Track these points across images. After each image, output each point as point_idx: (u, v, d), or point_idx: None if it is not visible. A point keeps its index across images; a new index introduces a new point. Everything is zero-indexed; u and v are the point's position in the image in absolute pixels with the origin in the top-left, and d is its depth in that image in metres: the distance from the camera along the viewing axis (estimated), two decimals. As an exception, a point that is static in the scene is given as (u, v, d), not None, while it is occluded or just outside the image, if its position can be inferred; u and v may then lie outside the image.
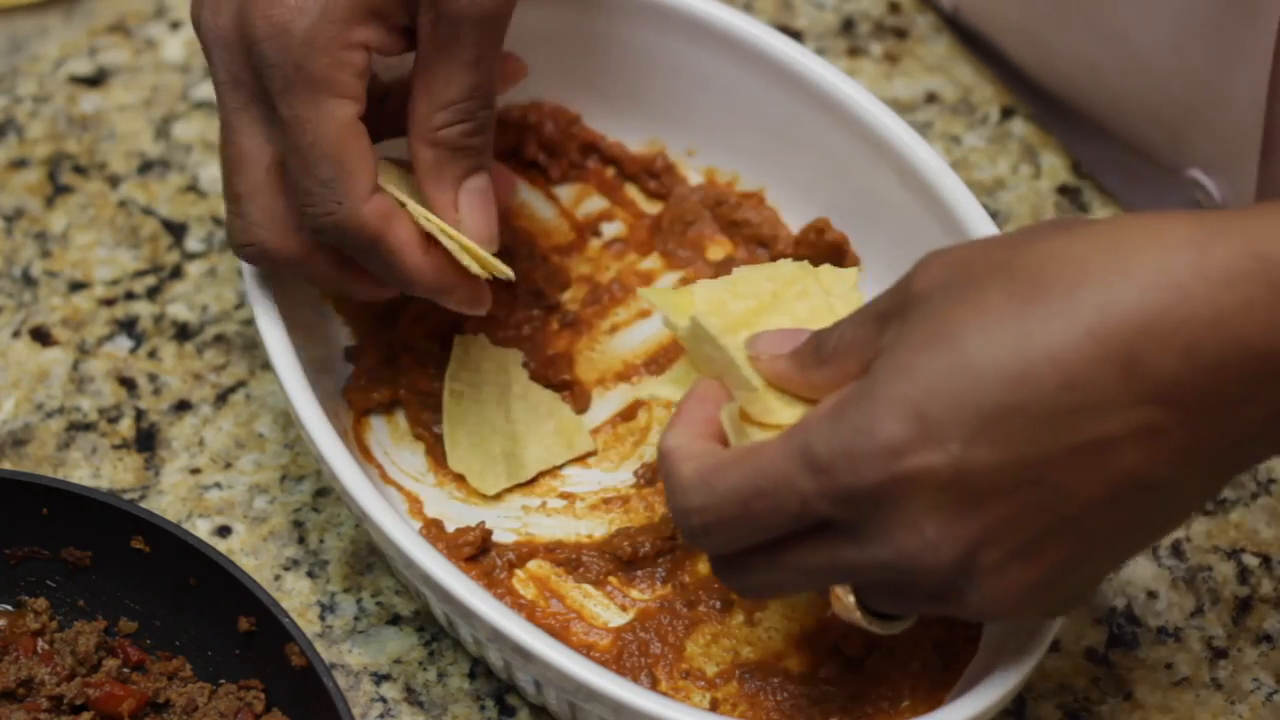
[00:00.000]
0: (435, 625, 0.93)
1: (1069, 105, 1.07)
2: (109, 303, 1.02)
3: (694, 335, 0.82)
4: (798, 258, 0.99)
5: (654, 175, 1.02)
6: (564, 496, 0.94)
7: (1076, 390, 0.70)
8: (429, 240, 0.86)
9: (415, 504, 0.94)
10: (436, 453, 0.95)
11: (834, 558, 0.75)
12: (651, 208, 1.02)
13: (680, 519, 0.77)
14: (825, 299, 0.84)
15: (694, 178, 1.02)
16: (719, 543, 0.77)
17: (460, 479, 0.95)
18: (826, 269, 0.86)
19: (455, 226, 0.86)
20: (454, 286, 0.87)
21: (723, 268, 0.98)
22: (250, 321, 1.01)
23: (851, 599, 0.78)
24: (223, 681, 0.88)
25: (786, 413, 0.79)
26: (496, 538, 0.93)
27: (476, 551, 0.92)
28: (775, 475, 0.74)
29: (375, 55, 0.85)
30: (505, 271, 0.87)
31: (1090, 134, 1.07)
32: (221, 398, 0.99)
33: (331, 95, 0.83)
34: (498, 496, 0.94)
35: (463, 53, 0.84)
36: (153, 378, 1.00)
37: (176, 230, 1.04)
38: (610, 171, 1.03)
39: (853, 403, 0.73)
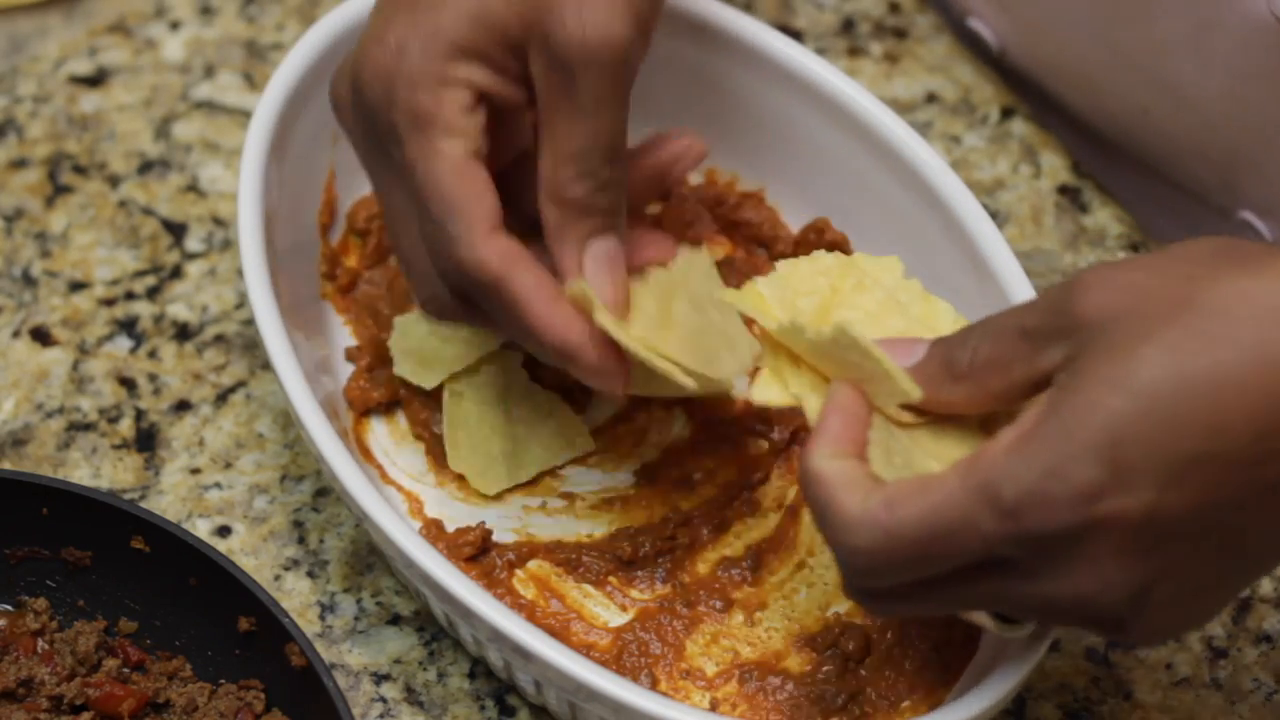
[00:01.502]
0: (435, 625, 0.93)
1: (1118, 145, 1.06)
2: (109, 303, 1.02)
3: (820, 341, 0.78)
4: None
5: (654, 175, 1.02)
6: (564, 496, 0.94)
7: (1270, 440, 0.70)
8: (560, 297, 0.81)
9: (415, 504, 0.94)
10: (436, 453, 0.95)
11: (999, 590, 0.74)
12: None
13: (843, 555, 0.74)
14: (884, 291, 0.83)
15: (694, 178, 1.02)
16: (883, 581, 0.75)
17: (460, 479, 0.95)
18: (864, 257, 0.84)
19: (575, 286, 0.81)
20: (585, 351, 0.81)
21: (723, 268, 0.98)
22: (250, 321, 1.01)
23: (984, 612, 0.78)
24: (223, 681, 0.88)
25: (944, 443, 0.77)
26: (496, 538, 0.93)
27: (476, 551, 0.92)
28: (956, 517, 0.72)
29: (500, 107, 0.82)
30: (726, 387, 0.83)
31: (1139, 174, 1.07)
32: (221, 398, 0.99)
33: (437, 132, 0.80)
34: (498, 496, 0.94)
35: (581, 99, 0.80)
36: (153, 378, 1.00)
37: (176, 230, 1.04)
38: (610, 171, 1.03)
39: (1041, 442, 0.71)
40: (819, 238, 0.98)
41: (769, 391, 0.81)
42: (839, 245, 0.98)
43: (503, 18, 0.81)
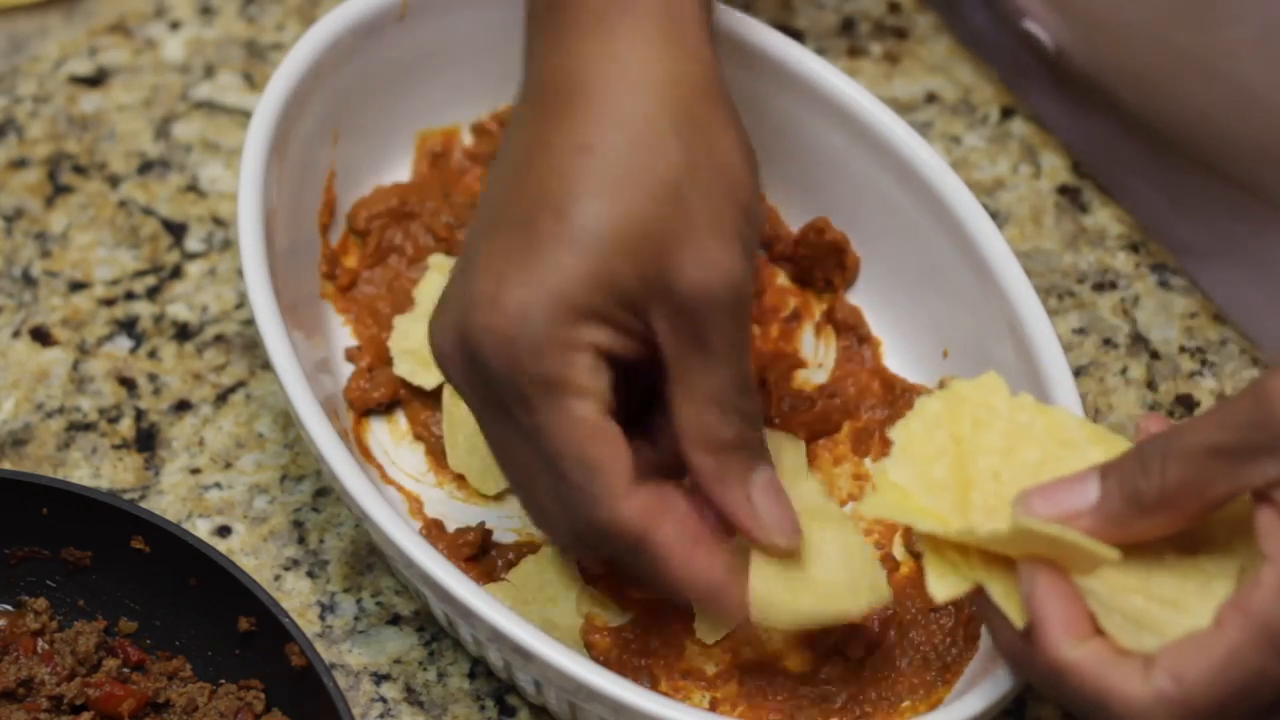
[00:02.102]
0: (435, 625, 0.93)
1: (1176, 144, 1.06)
2: (109, 303, 1.02)
3: (1005, 538, 0.76)
4: (798, 258, 0.99)
5: (654, 175, 1.02)
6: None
7: None
8: (698, 538, 0.80)
9: (415, 504, 0.94)
10: (436, 453, 0.95)
11: None
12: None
13: None
14: (1001, 419, 0.80)
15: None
16: None
17: (460, 479, 0.95)
18: (963, 385, 0.81)
19: (755, 536, 0.81)
20: (726, 599, 0.81)
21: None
22: (250, 321, 1.01)
23: None
24: (223, 681, 0.88)
25: (1150, 576, 0.75)
26: (496, 538, 0.93)
27: (476, 551, 0.92)
28: (1248, 671, 0.71)
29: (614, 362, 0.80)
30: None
31: (1194, 171, 1.07)
32: (221, 398, 0.99)
33: (568, 396, 0.78)
34: (498, 496, 0.94)
35: (713, 345, 0.79)
36: (153, 378, 1.00)
37: (176, 230, 1.04)
38: (610, 171, 1.03)
39: None
40: (819, 237, 0.98)
41: (948, 588, 0.77)
42: (839, 245, 0.98)
43: (623, 278, 0.78)
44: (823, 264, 0.99)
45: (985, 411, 0.80)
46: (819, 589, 0.84)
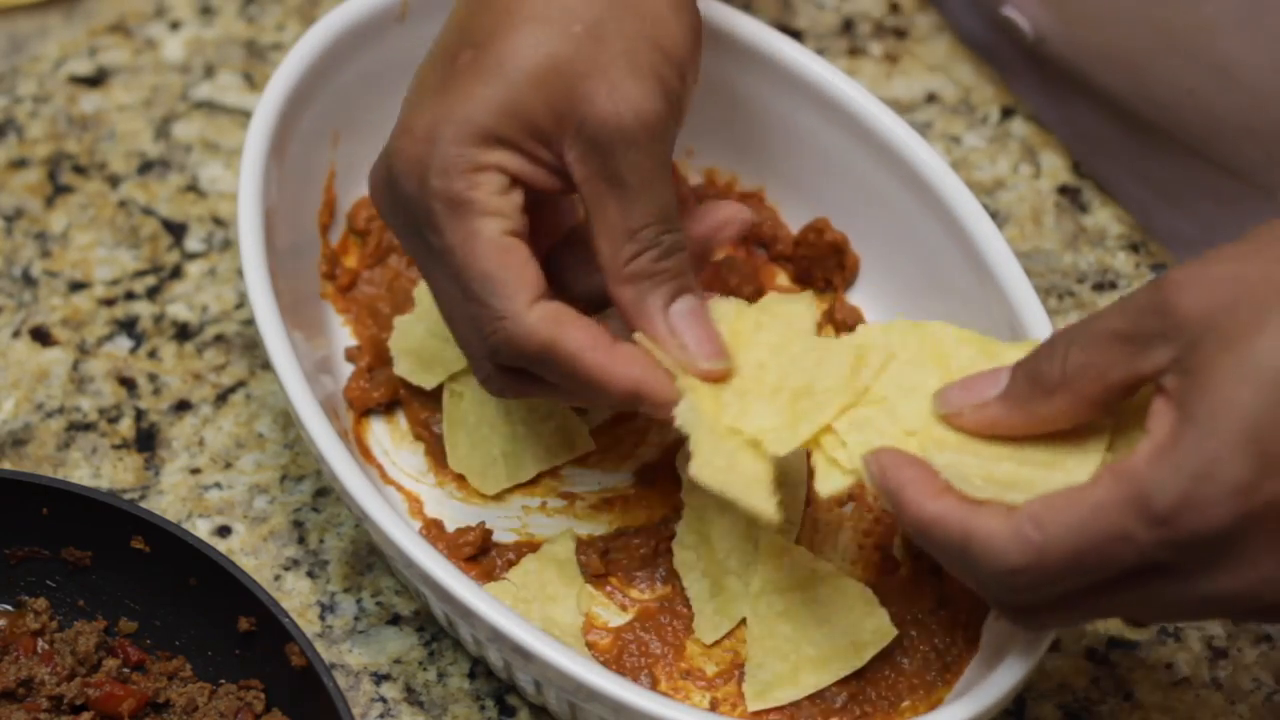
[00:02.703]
0: (435, 625, 0.93)
1: (1158, 128, 1.06)
2: (109, 303, 1.02)
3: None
4: (798, 258, 0.99)
5: (654, 175, 1.02)
6: (564, 496, 0.94)
7: None
8: (612, 344, 0.81)
9: (415, 504, 0.94)
10: (436, 453, 0.95)
11: (1153, 595, 0.74)
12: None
13: (995, 578, 0.74)
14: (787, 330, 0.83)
15: (694, 178, 1.02)
16: (1035, 595, 0.75)
17: (460, 479, 0.95)
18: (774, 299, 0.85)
19: (674, 356, 0.82)
20: (655, 385, 0.81)
21: (723, 267, 0.98)
22: (250, 321, 1.01)
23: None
24: (223, 681, 0.88)
25: (1027, 457, 0.77)
26: (496, 538, 0.93)
27: (476, 551, 0.92)
28: (1108, 528, 0.72)
29: (529, 190, 0.83)
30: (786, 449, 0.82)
31: (1178, 156, 1.07)
32: (221, 398, 0.99)
33: (473, 214, 0.81)
34: (498, 496, 0.94)
35: (626, 179, 0.81)
36: (153, 378, 1.00)
37: (176, 230, 1.04)
38: (610, 171, 1.03)
39: (1183, 447, 0.71)
40: (819, 238, 0.98)
41: (831, 484, 0.80)
42: (839, 245, 0.98)
43: (532, 109, 0.81)
44: (823, 264, 0.99)
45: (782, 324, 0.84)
46: (820, 660, 0.88)
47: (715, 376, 0.82)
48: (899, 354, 0.82)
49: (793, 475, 0.93)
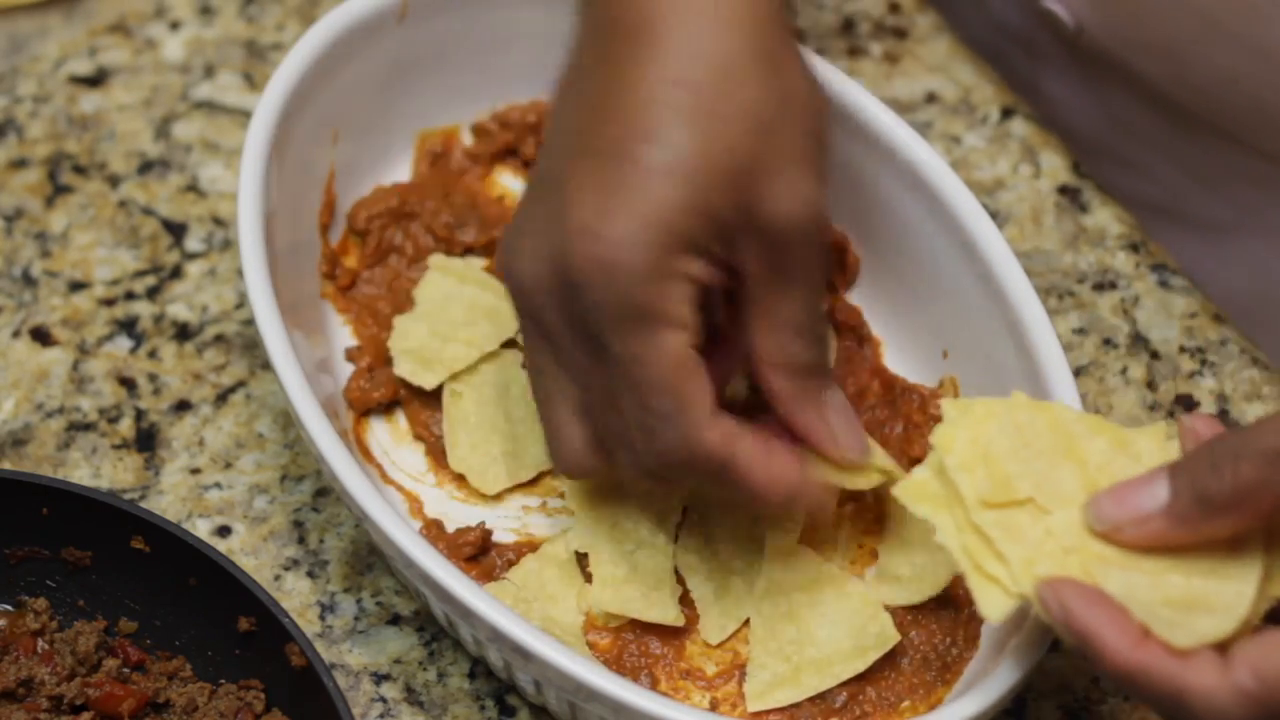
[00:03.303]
0: (435, 625, 0.93)
1: (1197, 114, 1.06)
2: (109, 303, 1.02)
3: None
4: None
5: (654, 175, 1.02)
6: (564, 496, 0.94)
7: None
8: (770, 447, 0.83)
9: (415, 504, 0.94)
10: (436, 453, 0.95)
11: None
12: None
13: None
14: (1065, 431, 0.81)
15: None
16: None
17: (460, 479, 0.95)
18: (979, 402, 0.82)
19: (831, 455, 0.84)
20: (806, 498, 0.84)
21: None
22: (250, 321, 1.01)
23: None
24: (223, 681, 0.88)
25: (1190, 568, 0.76)
26: (496, 538, 0.93)
27: (476, 551, 0.92)
28: None
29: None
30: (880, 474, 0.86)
31: (1214, 140, 1.07)
32: (221, 398, 0.99)
33: (664, 327, 0.80)
34: (498, 496, 0.94)
35: (795, 272, 0.82)
36: (153, 378, 1.00)
37: (176, 230, 1.04)
38: (610, 171, 1.03)
39: None
40: (819, 238, 0.98)
41: (998, 606, 0.78)
42: (839, 245, 0.98)
43: (719, 207, 0.80)
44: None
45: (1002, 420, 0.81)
46: (823, 662, 0.88)
47: (854, 466, 0.85)
48: (1031, 444, 0.80)
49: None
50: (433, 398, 0.96)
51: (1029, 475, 0.79)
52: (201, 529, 0.95)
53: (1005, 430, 0.80)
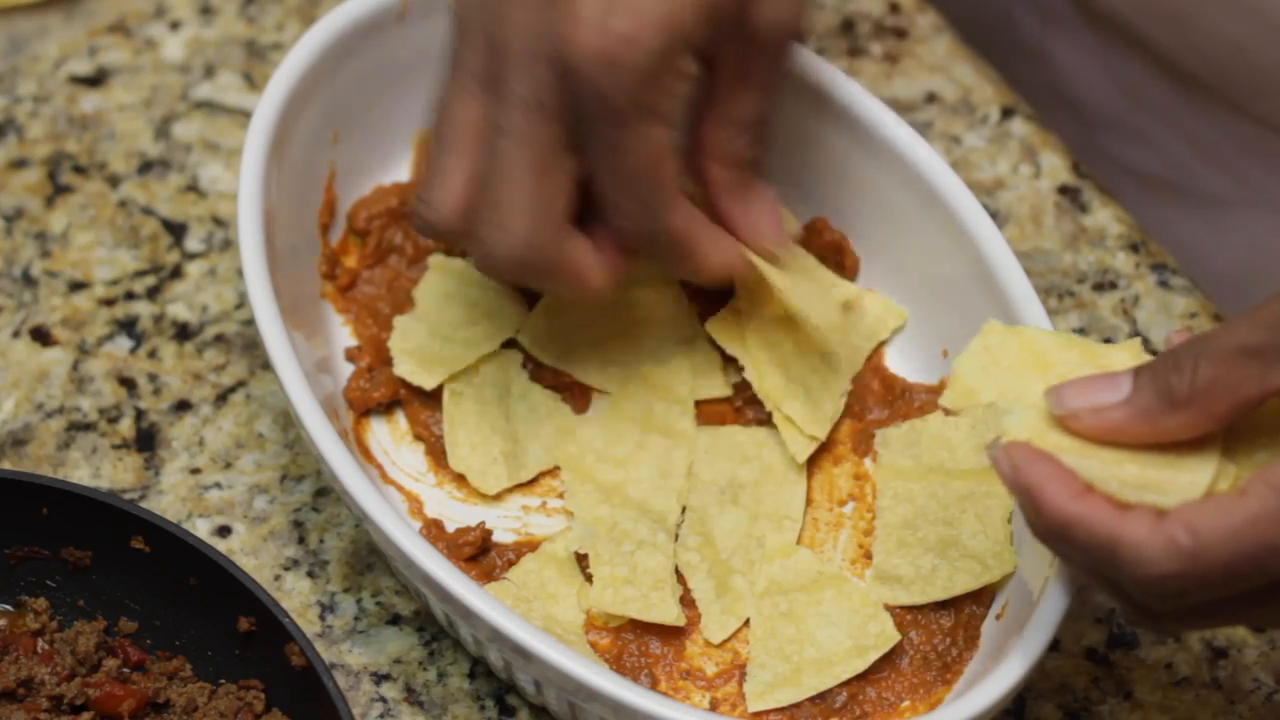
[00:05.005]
0: (435, 625, 0.93)
1: (1205, 84, 1.06)
2: (109, 303, 1.02)
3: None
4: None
5: (654, 175, 1.02)
6: (564, 496, 0.94)
7: None
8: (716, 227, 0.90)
9: (415, 504, 0.94)
10: (436, 453, 0.95)
11: None
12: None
13: (1139, 584, 0.74)
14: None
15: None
16: (1183, 604, 0.75)
17: (460, 479, 0.95)
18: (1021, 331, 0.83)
19: (747, 234, 0.91)
20: (737, 264, 0.91)
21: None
22: (250, 321, 1.01)
23: None
24: (223, 681, 0.88)
25: (1162, 473, 0.76)
26: (496, 538, 0.93)
27: (476, 551, 0.92)
28: (1266, 541, 0.72)
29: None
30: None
31: (1223, 113, 1.07)
32: (221, 398, 0.99)
33: (657, 122, 0.85)
34: (498, 496, 0.94)
35: (762, 75, 0.88)
36: (153, 378, 1.00)
37: (176, 230, 1.04)
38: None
39: None
40: (818, 237, 0.98)
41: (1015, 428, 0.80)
42: (838, 244, 0.98)
43: (722, 5, 0.85)
44: (822, 262, 0.98)
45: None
46: (823, 661, 0.88)
47: (773, 258, 0.91)
48: (999, 361, 0.81)
49: (792, 475, 0.93)
50: (433, 398, 0.96)
51: (993, 386, 0.80)
52: (201, 529, 0.95)
53: (974, 353, 0.81)
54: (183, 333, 1.01)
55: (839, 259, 0.98)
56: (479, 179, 0.87)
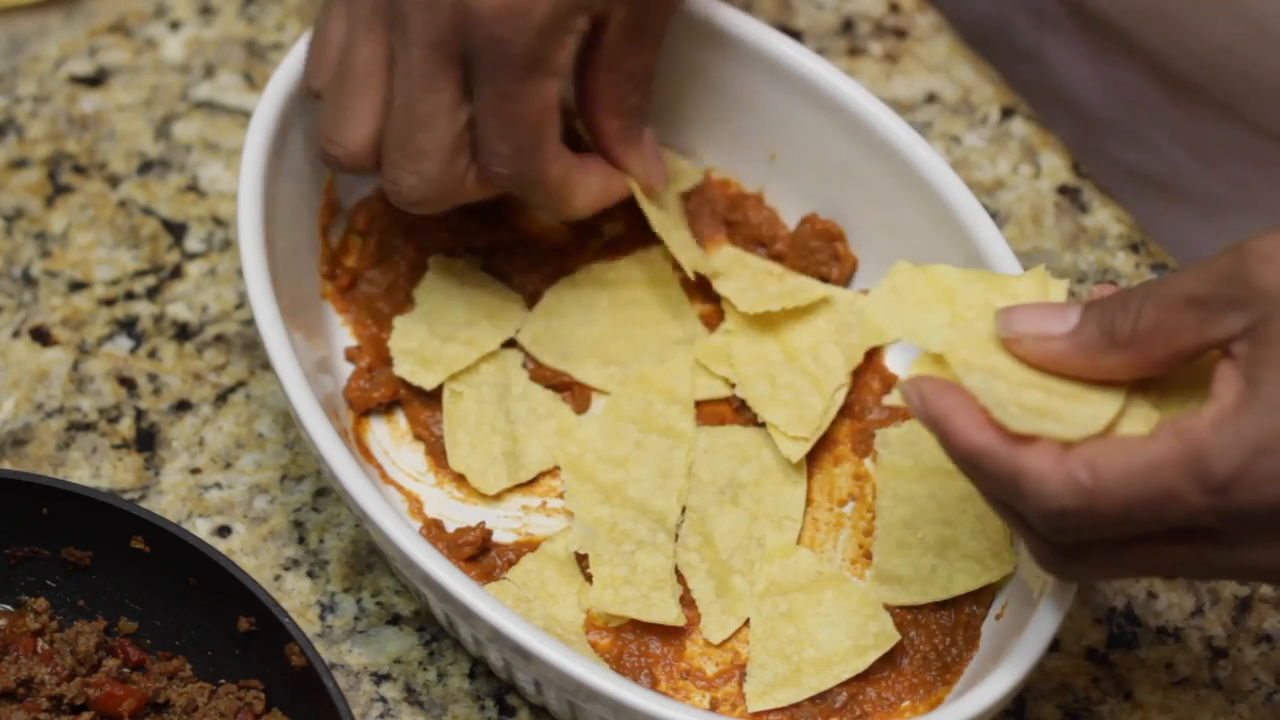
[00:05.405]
0: (435, 625, 0.93)
1: (1197, 87, 1.06)
2: (109, 303, 1.02)
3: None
4: (794, 255, 0.99)
5: (654, 175, 1.02)
6: (564, 496, 0.94)
7: None
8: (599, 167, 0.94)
9: (415, 504, 0.94)
10: (436, 453, 0.95)
11: (1194, 557, 0.75)
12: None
13: (1038, 517, 0.75)
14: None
15: (694, 178, 1.02)
16: (1078, 537, 0.75)
17: (460, 479, 0.95)
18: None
19: (638, 174, 0.96)
20: (612, 190, 0.96)
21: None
22: (250, 321, 1.01)
23: None
24: (223, 681, 0.88)
25: (1090, 410, 0.76)
26: (496, 538, 0.93)
27: (476, 551, 0.92)
28: (1164, 487, 0.72)
29: None
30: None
31: (1215, 116, 1.07)
32: (221, 398, 0.99)
33: (549, 75, 0.89)
34: (498, 496, 0.94)
35: (650, 31, 0.92)
36: (153, 378, 1.00)
37: (176, 230, 1.04)
38: (610, 171, 1.03)
39: (1248, 417, 0.71)
40: (810, 229, 0.99)
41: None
42: (831, 232, 0.98)
43: None
44: (816, 257, 0.98)
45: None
46: (823, 661, 0.88)
47: (656, 192, 0.96)
48: (906, 298, 0.81)
49: (792, 475, 0.93)
50: (433, 398, 0.96)
51: (901, 323, 0.80)
52: (201, 529, 0.95)
53: (882, 293, 0.82)
54: (183, 333, 1.01)
55: (832, 250, 0.98)
56: (383, 118, 0.90)
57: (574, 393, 0.97)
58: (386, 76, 0.89)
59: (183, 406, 0.99)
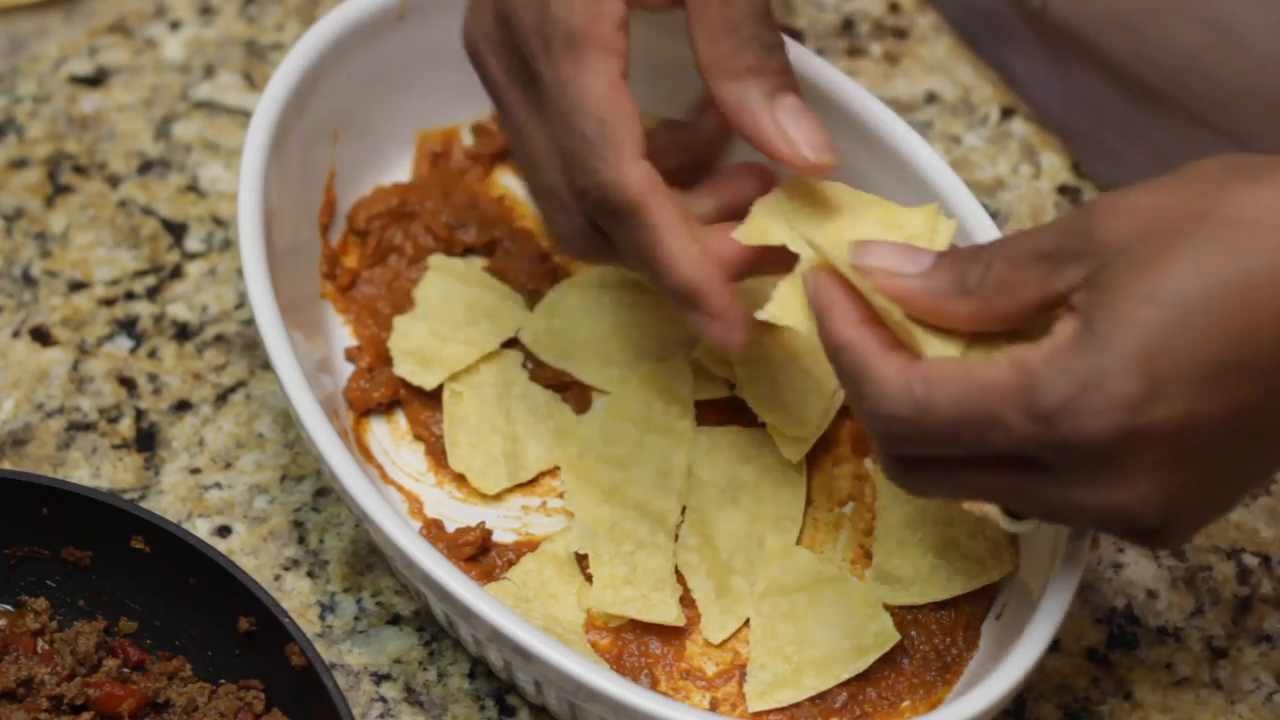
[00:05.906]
0: (435, 625, 0.93)
1: (1162, 94, 1.06)
2: (109, 303, 1.02)
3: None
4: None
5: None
6: (564, 496, 0.94)
7: None
8: (698, 236, 0.82)
9: (415, 504, 0.94)
10: (436, 453, 0.95)
11: (1024, 488, 0.75)
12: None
13: (873, 420, 0.76)
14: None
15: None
16: (908, 449, 0.76)
17: (460, 479, 0.95)
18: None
19: (785, 154, 0.82)
20: (712, 294, 0.81)
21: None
22: (250, 321, 1.01)
23: (995, 506, 0.79)
24: (223, 681, 0.88)
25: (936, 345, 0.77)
26: (496, 538, 0.93)
27: (476, 551, 0.92)
28: (990, 410, 0.73)
29: (638, 13, 0.83)
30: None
31: (1181, 123, 1.07)
32: (221, 398, 0.99)
33: (592, 49, 0.81)
34: (498, 496, 0.94)
35: None
36: (153, 378, 1.00)
37: (176, 230, 1.04)
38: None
39: (1078, 354, 0.72)
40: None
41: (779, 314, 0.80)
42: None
43: None
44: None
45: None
46: (823, 662, 0.88)
47: (820, 169, 0.82)
48: (800, 210, 0.82)
49: (792, 475, 0.93)
50: (433, 398, 0.96)
51: (786, 228, 0.81)
52: (201, 529, 0.95)
53: (775, 197, 0.82)
54: (183, 333, 1.01)
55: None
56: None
57: (574, 393, 0.97)
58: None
59: (183, 406, 0.99)
